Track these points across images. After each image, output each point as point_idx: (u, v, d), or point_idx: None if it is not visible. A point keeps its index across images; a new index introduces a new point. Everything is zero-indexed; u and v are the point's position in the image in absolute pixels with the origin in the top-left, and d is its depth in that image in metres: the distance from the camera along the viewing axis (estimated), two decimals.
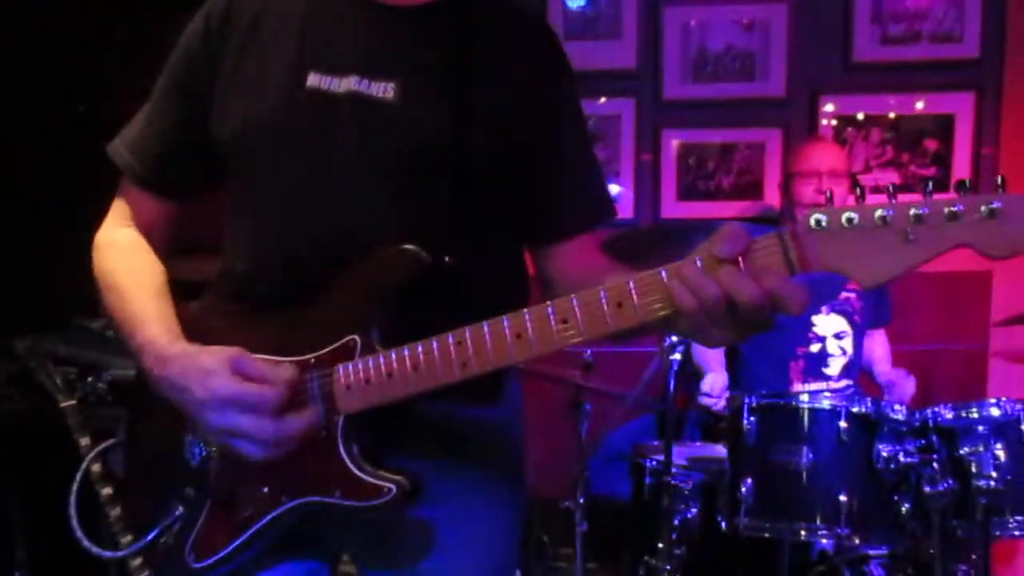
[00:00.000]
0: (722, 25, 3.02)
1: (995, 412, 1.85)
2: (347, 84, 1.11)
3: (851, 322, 2.55)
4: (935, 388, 2.96)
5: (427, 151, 1.10)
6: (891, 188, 0.87)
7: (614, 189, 3.07)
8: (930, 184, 0.88)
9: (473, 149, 1.11)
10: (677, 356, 1.89)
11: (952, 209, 0.82)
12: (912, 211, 0.83)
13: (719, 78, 3.04)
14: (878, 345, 2.69)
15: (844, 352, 2.55)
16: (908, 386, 2.45)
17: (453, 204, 1.10)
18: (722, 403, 2.33)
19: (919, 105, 2.96)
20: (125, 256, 1.21)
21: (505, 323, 0.97)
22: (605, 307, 0.93)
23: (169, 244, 1.27)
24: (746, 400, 1.86)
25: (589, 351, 2.14)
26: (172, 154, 1.21)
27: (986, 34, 2.91)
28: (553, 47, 1.21)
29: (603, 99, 3.04)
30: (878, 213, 0.84)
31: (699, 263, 0.89)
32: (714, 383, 2.41)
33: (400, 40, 1.13)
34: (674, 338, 1.80)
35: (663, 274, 0.91)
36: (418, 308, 1.05)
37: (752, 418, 1.86)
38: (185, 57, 1.20)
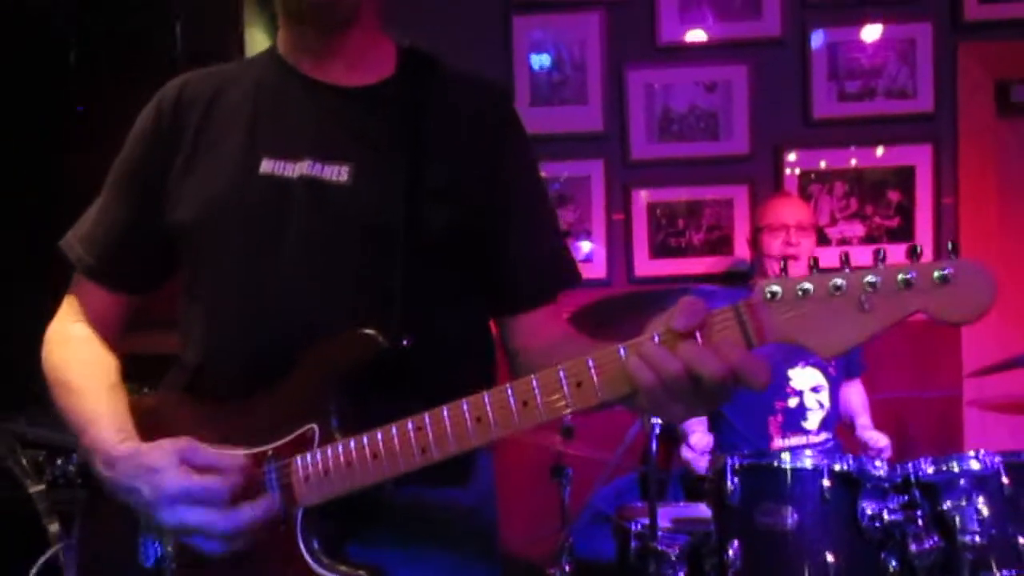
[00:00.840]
0: (685, 86, 3.07)
1: (975, 465, 1.84)
2: (300, 168, 1.10)
3: (826, 375, 2.55)
4: (911, 437, 2.96)
5: (383, 232, 1.08)
6: (844, 256, 0.87)
7: (586, 247, 3.08)
8: (882, 251, 0.86)
9: (430, 226, 1.09)
10: (657, 419, 1.87)
11: (905, 277, 0.81)
12: (866, 279, 0.82)
13: (684, 137, 3.08)
14: (855, 395, 2.69)
15: (822, 405, 2.53)
16: (884, 451, 2.44)
17: (412, 284, 1.07)
18: (705, 462, 2.30)
19: (879, 153, 3.02)
20: (76, 351, 1.17)
21: (464, 407, 0.95)
22: (565, 388, 0.91)
23: (121, 336, 1.24)
24: (729, 461, 1.84)
25: (568, 416, 2.11)
26: (125, 246, 1.19)
27: (938, 89, 2.98)
28: (506, 112, 1.20)
29: (564, 174, 3.07)
30: (832, 283, 0.83)
31: (657, 339, 0.88)
32: (696, 445, 2.39)
33: (352, 121, 1.13)
34: None
35: (621, 352, 0.89)
36: (379, 393, 1.03)
37: (735, 479, 1.83)
38: (138, 146, 1.19)
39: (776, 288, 0.84)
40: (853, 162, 3.02)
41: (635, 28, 3.06)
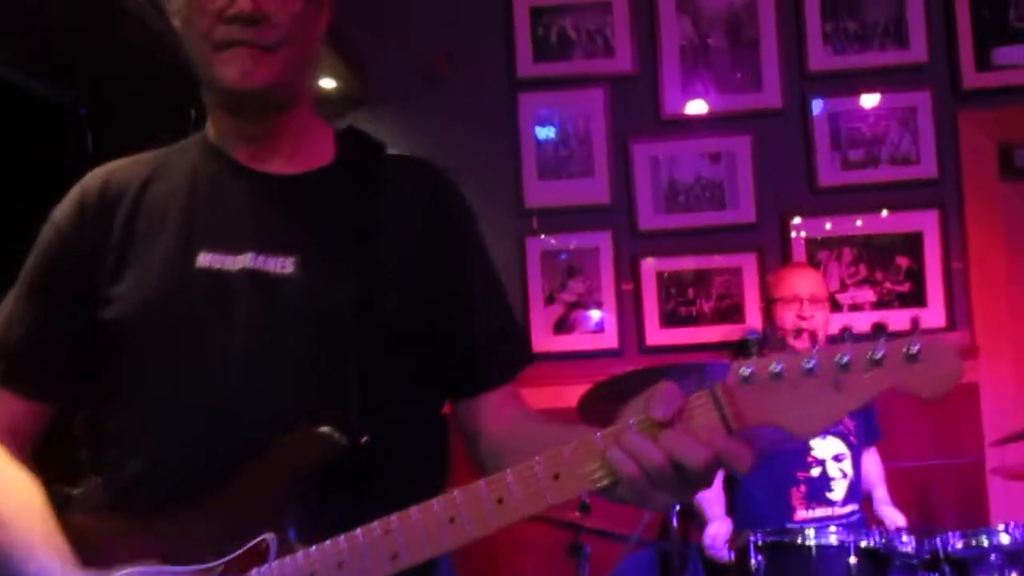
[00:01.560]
0: (689, 157, 3.10)
1: (1005, 539, 1.78)
2: (242, 261, 1.04)
3: (848, 443, 2.48)
4: (934, 506, 2.88)
5: (335, 323, 1.03)
6: (814, 336, 0.86)
7: (596, 317, 3.06)
8: (849, 330, 0.85)
9: (382, 315, 1.04)
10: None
11: (875, 356, 0.81)
12: (837, 359, 0.82)
13: (691, 207, 3.09)
14: (872, 465, 2.61)
15: (845, 474, 2.45)
16: (899, 525, 2.37)
17: (367, 376, 1.02)
18: (726, 553, 2.23)
19: (885, 222, 3.03)
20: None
21: (436, 507, 0.89)
22: (541, 481, 0.87)
23: (32, 450, 1.12)
24: (752, 538, 1.79)
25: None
26: (44, 349, 1.09)
27: (941, 155, 2.98)
28: (452, 191, 1.15)
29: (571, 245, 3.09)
30: (803, 363, 0.83)
31: (635, 427, 0.85)
32: (716, 535, 2.29)
33: (295, 211, 1.08)
34: None
35: (599, 440, 0.86)
36: (338, 496, 0.96)
37: (759, 556, 1.77)
38: (58, 242, 1.10)
39: (749, 370, 0.83)
40: (860, 228, 3.03)
41: (639, 102, 3.09)
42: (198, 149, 1.14)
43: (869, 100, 3.03)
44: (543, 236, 3.06)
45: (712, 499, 2.44)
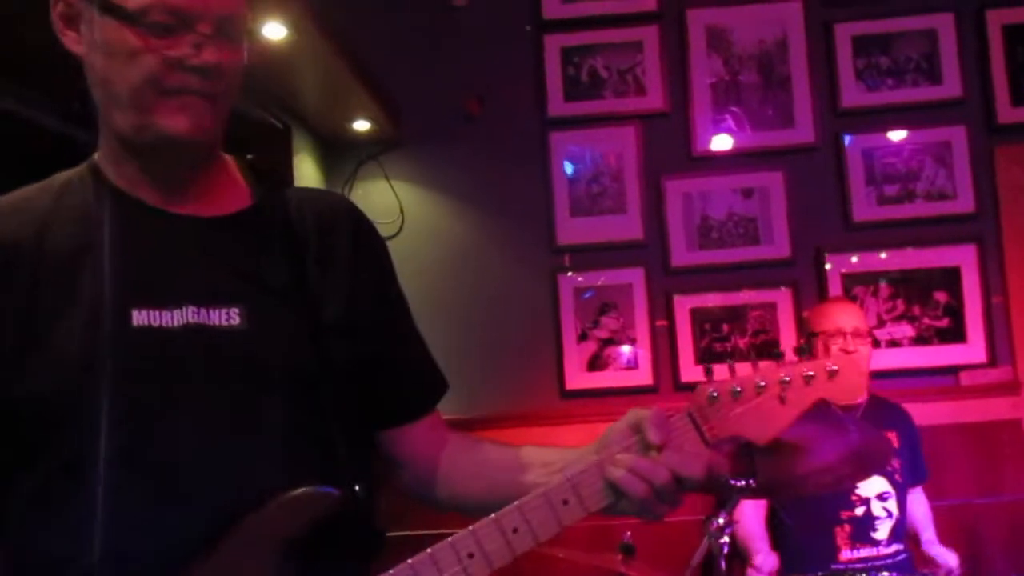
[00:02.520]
0: (722, 193, 3.08)
1: None
2: (183, 316, 0.94)
3: (892, 482, 2.41)
4: (980, 544, 2.81)
5: (292, 375, 0.97)
6: (754, 355, 1.12)
7: (629, 352, 3.04)
8: (780, 354, 1.03)
9: (336, 360, 0.99)
10: (726, 539, 1.78)
11: (807, 374, 1.00)
12: (779, 378, 1.00)
13: (724, 244, 3.07)
14: (919, 506, 2.54)
15: (890, 514, 2.37)
16: (954, 571, 2.31)
17: (330, 423, 0.98)
18: None
19: (922, 257, 2.98)
20: None
21: (457, 546, 0.94)
22: (551, 508, 0.96)
23: None
24: None
25: (628, 533, 2.04)
26: None
27: (978, 189, 2.94)
28: (367, 225, 1.12)
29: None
30: (756, 383, 1.00)
31: (637, 451, 0.96)
32: (763, 562, 2.27)
33: (228, 256, 0.99)
34: (720, 520, 1.71)
35: (598, 465, 0.96)
36: (328, 553, 0.92)
37: None
38: None
39: (715, 392, 0.99)
40: (896, 263, 2.99)
41: (670, 139, 3.08)
42: (93, 191, 1.00)
43: (903, 136, 3.02)
44: (572, 274, 3.06)
45: (756, 534, 2.39)
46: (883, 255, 2.98)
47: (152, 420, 0.92)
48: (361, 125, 2.94)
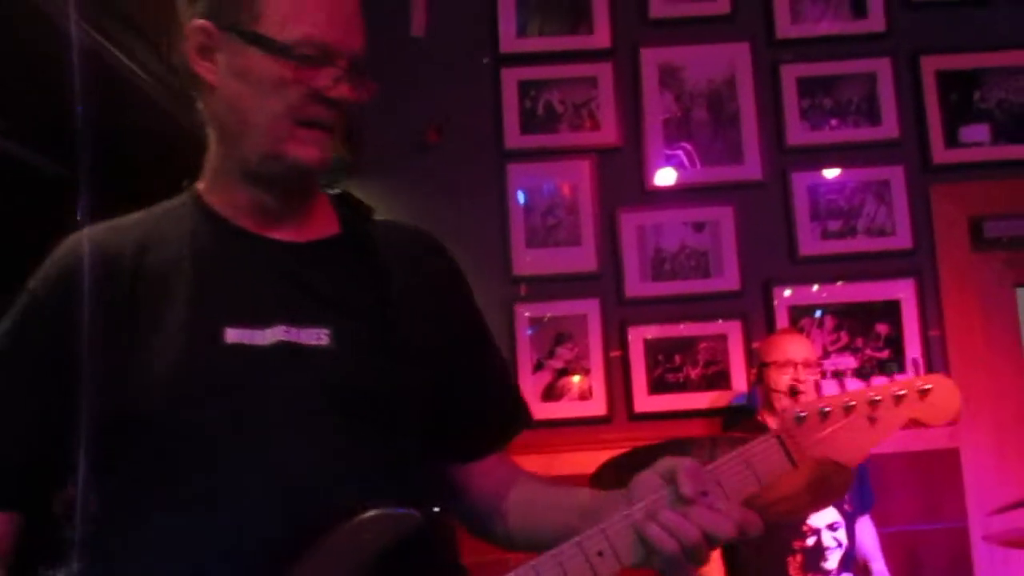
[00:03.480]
0: (674, 226, 3.13)
1: None
2: (274, 335, 0.97)
3: (842, 511, 2.46)
4: (924, 571, 2.89)
5: (377, 396, 1.00)
6: (840, 375, 1.06)
7: (583, 382, 3.06)
8: (871, 373, 1.09)
9: (416, 385, 1.03)
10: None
11: (897, 393, 1.03)
12: (869, 398, 1.02)
13: (677, 275, 3.12)
14: (867, 534, 2.60)
15: (840, 544, 2.41)
16: None
17: (409, 445, 1.01)
18: None
19: (864, 291, 3.08)
20: None
21: None
22: (586, 559, 0.93)
23: (6, 564, 1.00)
24: None
25: None
26: (27, 452, 0.97)
27: (915, 226, 3.04)
28: (447, 257, 1.15)
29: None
30: (845, 403, 1.01)
31: (668, 505, 0.93)
32: None
33: (317, 281, 1.02)
34: None
35: (630, 516, 0.94)
36: (407, 571, 0.94)
37: None
38: (43, 321, 0.97)
39: (802, 412, 0.99)
40: (840, 297, 3.08)
41: (624, 173, 3.13)
42: (193, 215, 1.04)
43: (845, 174, 3.13)
44: (528, 304, 3.07)
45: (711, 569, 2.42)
46: (828, 288, 3.08)
47: (242, 433, 0.95)
48: None
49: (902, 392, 1.02)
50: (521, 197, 3.14)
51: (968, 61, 3.15)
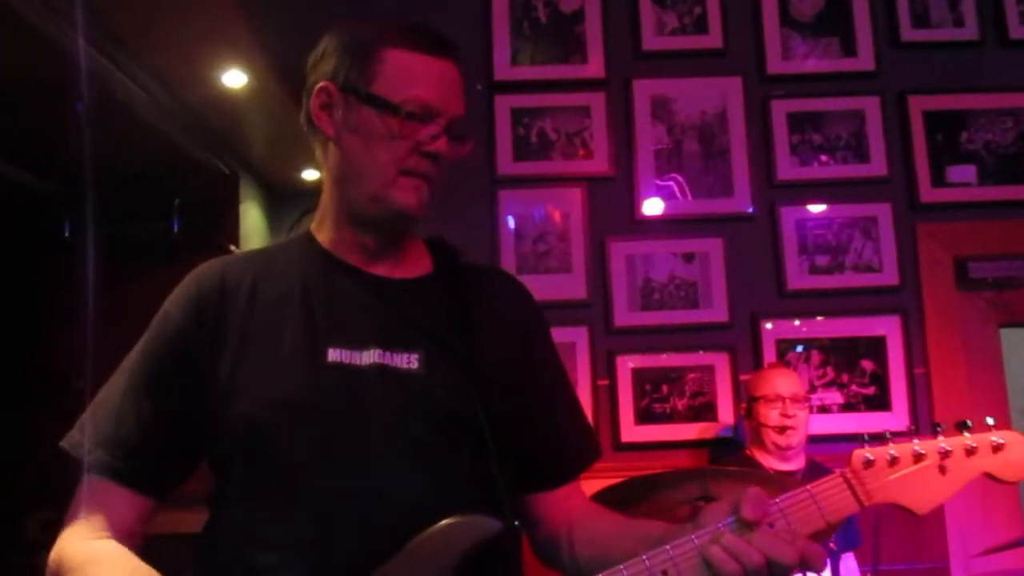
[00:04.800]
0: (664, 257, 3.14)
1: None
2: (370, 357, 1.08)
3: (827, 550, 2.48)
4: None
5: (460, 418, 1.09)
6: (912, 429, 1.06)
7: None
8: (941, 426, 1.07)
9: (496, 412, 1.10)
10: None
11: (969, 445, 1.02)
12: (939, 447, 1.01)
13: (665, 306, 3.11)
14: (851, 573, 2.62)
15: None
16: None
17: (489, 467, 1.08)
18: None
19: (850, 327, 3.08)
20: (113, 570, 1.00)
21: None
22: None
23: (140, 546, 1.10)
24: None
25: None
26: (159, 445, 1.09)
27: (902, 264, 3.05)
28: (530, 299, 1.27)
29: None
30: (913, 450, 1.00)
31: (731, 529, 0.95)
32: None
33: (412, 311, 1.14)
34: None
35: (695, 540, 0.96)
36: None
37: None
38: (174, 336, 1.11)
39: (870, 456, 0.99)
40: (827, 331, 3.08)
41: (615, 202, 3.13)
42: (305, 250, 1.18)
43: (833, 210, 3.14)
44: None
45: None
46: (814, 323, 3.08)
47: (341, 445, 1.04)
48: (309, 174, 2.90)
49: (973, 445, 1.01)
50: (512, 223, 3.12)
51: (955, 102, 3.18)
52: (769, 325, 3.06)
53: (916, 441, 1.01)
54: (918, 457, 0.99)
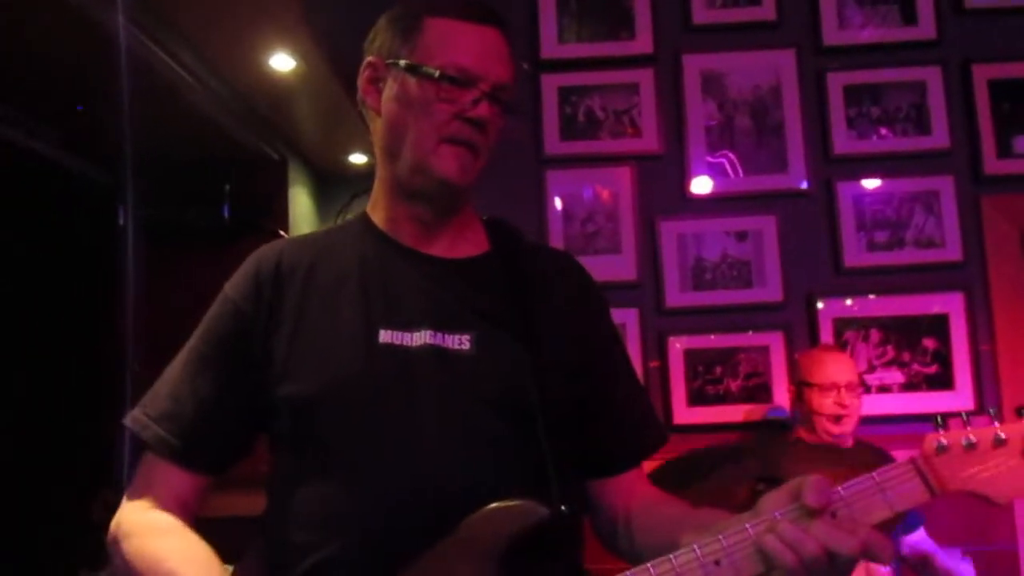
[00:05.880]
0: (716, 236, 3.06)
1: None
2: (421, 338, 1.07)
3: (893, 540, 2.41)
4: None
5: (512, 401, 1.06)
6: (991, 412, 0.96)
7: None
8: (996, 409, 0.99)
9: (552, 395, 1.07)
10: None
11: None
12: (1022, 433, 0.91)
13: (717, 285, 3.04)
14: (924, 542, 2.52)
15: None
16: (968, 571, 2.29)
17: (541, 452, 1.05)
18: None
19: (911, 304, 2.98)
20: (175, 541, 1.03)
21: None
22: (704, 566, 0.92)
23: (194, 522, 1.12)
24: None
25: None
26: (215, 423, 1.10)
27: (965, 239, 2.93)
28: (589, 280, 1.23)
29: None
30: (995, 436, 0.91)
31: (788, 518, 0.90)
32: None
33: (465, 292, 1.12)
34: None
35: (750, 529, 0.91)
36: (535, 567, 0.99)
37: None
38: (232, 317, 1.11)
39: (944, 442, 0.91)
40: (887, 310, 2.98)
41: (665, 181, 3.05)
42: (361, 231, 1.17)
43: (893, 184, 3.03)
44: None
45: None
46: (873, 300, 2.97)
47: (394, 426, 1.03)
48: (357, 158, 2.88)
49: None
50: (559, 204, 3.07)
51: (1021, 70, 3.03)
52: (825, 304, 2.96)
53: (997, 425, 0.92)
54: (999, 443, 0.91)
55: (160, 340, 1.26)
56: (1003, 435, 0.91)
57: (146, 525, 1.06)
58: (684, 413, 2.94)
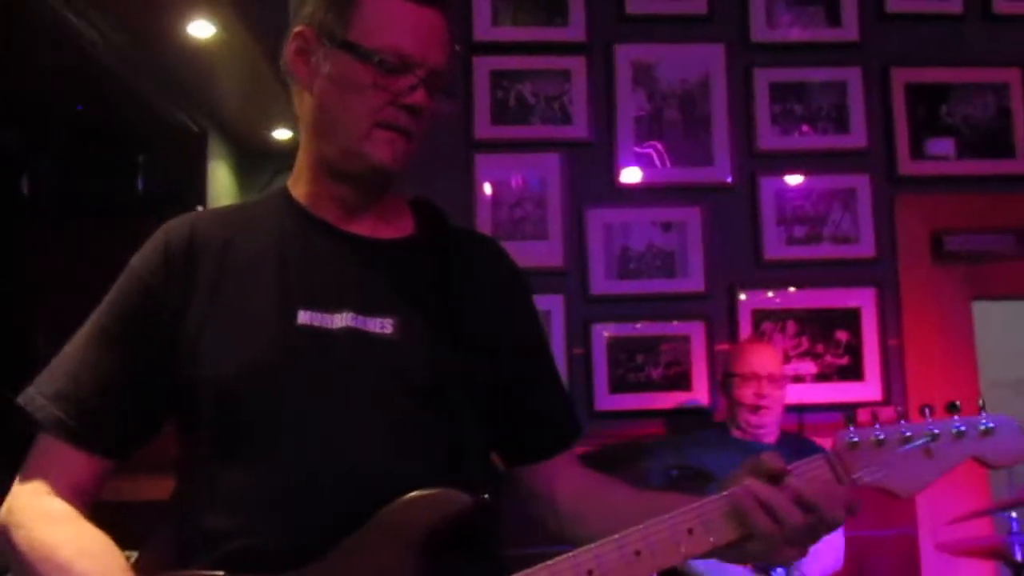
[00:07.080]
0: (642, 225, 3.09)
1: None
2: (342, 320, 1.04)
3: None
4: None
5: (434, 387, 1.04)
6: (899, 410, 1.01)
7: None
8: (929, 407, 1.01)
9: (475, 380, 1.07)
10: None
11: (957, 429, 0.97)
12: (927, 430, 0.97)
13: (642, 275, 3.08)
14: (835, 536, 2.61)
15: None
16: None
17: (464, 437, 1.05)
18: None
19: (826, 298, 3.07)
20: (69, 529, 0.97)
21: (579, 559, 0.94)
22: (676, 534, 0.94)
23: (92, 509, 1.05)
24: None
25: None
26: (115, 404, 1.04)
27: (879, 236, 3.04)
28: (514, 266, 1.22)
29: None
30: (900, 433, 0.96)
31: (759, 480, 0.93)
32: None
33: (390, 274, 1.09)
34: None
35: (726, 499, 0.95)
36: (452, 555, 0.97)
37: None
38: (139, 293, 1.06)
39: (855, 437, 0.96)
40: (802, 302, 3.06)
41: (594, 169, 3.07)
42: (281, 208, 1.13)
43: (813, 180, 3.11)
44: None
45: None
46: (790, 294, 3.05)
47: (310, 410, 1.00)
48: (282, 134, 2.80)
49: (962, 428, 0.98)
50: (488, 188, 3.05)
51: (937, 75, 3.14)
52: (745, 295, 3.02)
53: (903, 423, 0.97)
54: (904, 440, 0.96)
55: (66, 317, 1.19)
56: (908, 433, 0.96)
57: (38, 512, 1.00)
58: (606, 400, 2.97)
